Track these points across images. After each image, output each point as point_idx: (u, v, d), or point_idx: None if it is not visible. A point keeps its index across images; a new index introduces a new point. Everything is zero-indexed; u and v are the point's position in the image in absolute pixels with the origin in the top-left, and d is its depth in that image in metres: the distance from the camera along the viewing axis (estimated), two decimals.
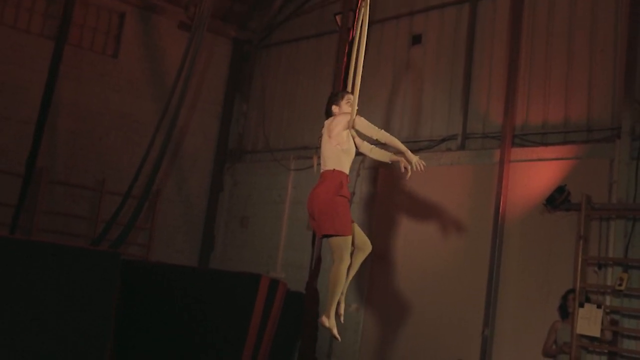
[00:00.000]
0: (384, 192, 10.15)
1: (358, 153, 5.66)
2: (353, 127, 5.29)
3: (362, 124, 5.31)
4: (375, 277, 9.92)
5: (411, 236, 9.60)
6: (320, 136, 5.59)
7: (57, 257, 7.51)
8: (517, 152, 8.73)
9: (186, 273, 9.99)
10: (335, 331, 5.32)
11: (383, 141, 5.40)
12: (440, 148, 9.70)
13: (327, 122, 5.48)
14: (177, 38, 12.10)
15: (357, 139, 5.51)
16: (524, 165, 8.65)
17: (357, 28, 5.42)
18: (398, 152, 5.53)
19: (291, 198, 11.48)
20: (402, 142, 5.53)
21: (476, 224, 8.93)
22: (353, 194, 10.41)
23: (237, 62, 13.10)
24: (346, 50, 9.58)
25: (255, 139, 12.81)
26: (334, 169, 5.28)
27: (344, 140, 5.29)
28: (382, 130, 5.38)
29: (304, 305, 9.85)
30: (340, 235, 5.17)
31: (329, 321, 5.27)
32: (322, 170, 5.39)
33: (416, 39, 10.42)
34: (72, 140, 11.19)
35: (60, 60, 9.97)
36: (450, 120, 9.72)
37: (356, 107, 5.33)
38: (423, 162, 5.46)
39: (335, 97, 5.62)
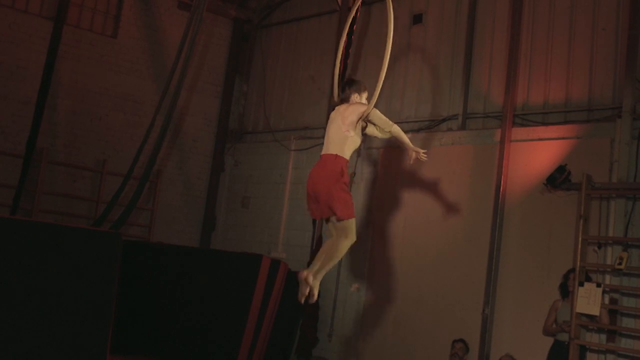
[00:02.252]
0: (384, 173, 10.15)
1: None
2: (367, 118, 5.32)
3: (376, 115, 5.41)
4: (376, 257, 9.95)
5: (412, 216, 9.62)
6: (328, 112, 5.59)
7: (58, 238, 7.54)
8: (518, 132, 8.72)
9: (187, 253, 10.04)
10: (316, 291, 5.30)
11: (394, 134, 5.55)
12: (441, 128, 9.68)
13: (341, 108, 5.47)
14: (176, 18, 12.04)
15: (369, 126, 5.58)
16: (524, 145, 8.64)
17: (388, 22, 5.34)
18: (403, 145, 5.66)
19: (292, 178, 11.49)
20: (403, 122, 5.60)
21: (477, 204, 8.95)
22: (354, 174, 10.42)
23: (237, 42, 13.03)
24: (347, 30, 9.54)
25: (256, 119, 12.79)
26: (337, 155, 5.31)
27: (355, 129, 5.31)
28: (395, 124, 5.53)
29: None
30: (351, 219, 5.27)
31: (313, 281, 5.26)
32: (323, 153, 5.40)
33: (417, 19, 10.36)
34: (72, 121, 11.18)
35: (59, 41, 9.92)
36: (451, 100, 9.69)
37: (375, 100, 5.32)
38: (423, 152, 5.63)
39: (357, 85, 5.61)
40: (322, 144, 5.58)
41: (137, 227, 11.66)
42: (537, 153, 8.50)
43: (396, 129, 5.49)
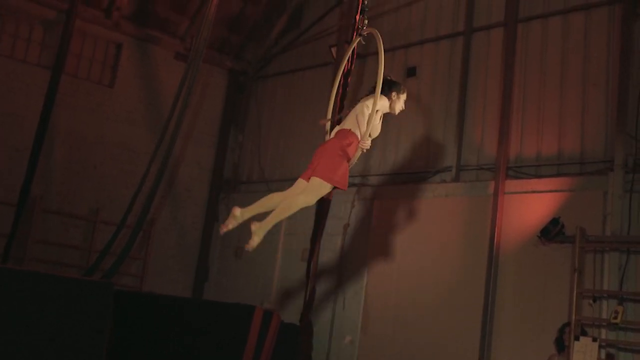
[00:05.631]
0: (378, 223, 10.14)
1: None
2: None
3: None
4: (369, 309, 9.86)
5: (406, 267, 9.57)
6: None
7: (49, 288, 7.45)
8: (511, 184, 8.77)
9: (179, 304, 9.92)
10: (256, 240, 5.06)
11: None
12: (435, 180, 9.72)
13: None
14: (173, 68, 12.18)
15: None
16: (518, 197, 8.67)
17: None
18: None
19: (285, 229, 11.45)
20: (397, 173, 5.58)
21: (471, 256, 8.92)
22: (348, 225, 10.41)
23: (233, 93, 13.17)
24: (341, 82, 9.66)
25: (251, 169, 12.82)
26: (350, 129, 5.21)
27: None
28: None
29: (299, 338, 9.78)
30: (328, 184, 5.08)
31: (256, 229, 5.06)
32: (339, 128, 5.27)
33: (411, 72, 10.51)
34: (67, 169, 11.18)
35: (57, 90, 10.00)
36: (444, 152, 9.76)
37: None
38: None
39: (397, 86, 5.50)
40: None
41: (129, 277, 11.55)
42: (530, 205, 8.53)
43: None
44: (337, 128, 5.42)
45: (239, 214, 5.09)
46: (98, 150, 11.53)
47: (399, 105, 5.49)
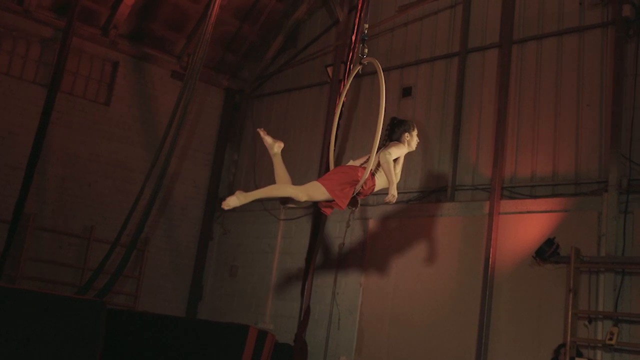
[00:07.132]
0: (373, 242, 10.12)
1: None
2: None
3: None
4: (364, 329, 9.81)
5: (401, 287, 9.55)
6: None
7: (42, 306, 7.41)
8: (506, 204, 8.78)
9: (173, 323, 9.86)
10: (232, 201, 5.05)
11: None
12: (430, 199, 9.73)
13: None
14: (169, 87, 12.21)
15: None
16: (513, 217, 8.68)
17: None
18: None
19: (280, 248, 11.43)
20: None
21: (466, 276, 8.90)
22: (343, 244, 10.39)
23: (229, 112, 13.20)
24: (337, 102, 9.70)
25: (246, 188, 12.72)
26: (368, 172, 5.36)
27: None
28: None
29: (293, 358, 9.72)
30: (324, 191, 5.20)
31: (240, 197, 5.05)
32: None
33: (406, 92, 10.56)
34: (62, 187, 11.15)
35: (52, 107, 10.00)
36: (439, 172, 9.78)
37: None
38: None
39: (406, 124, 5.75)
40: (311, 214, 5.57)
41: (122, 296, 11.48)
42: (525, 225, 8.53)
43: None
44: (354, 163, 5.49)
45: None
46: (93, 168, 11.51)
47: (414, 142, 5.64)
